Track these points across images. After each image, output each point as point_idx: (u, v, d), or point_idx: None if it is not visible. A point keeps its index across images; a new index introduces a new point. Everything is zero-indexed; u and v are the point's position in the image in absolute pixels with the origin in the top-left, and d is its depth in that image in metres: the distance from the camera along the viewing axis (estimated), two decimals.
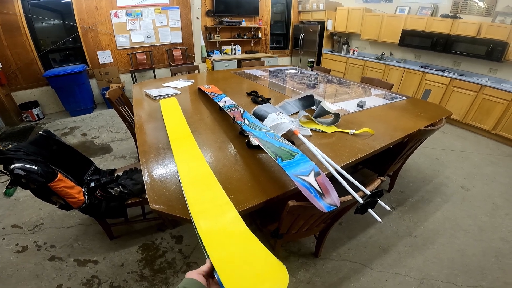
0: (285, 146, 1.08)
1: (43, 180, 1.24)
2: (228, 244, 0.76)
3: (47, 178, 1.26)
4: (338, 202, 0.91)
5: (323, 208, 0.86)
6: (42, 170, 1.25)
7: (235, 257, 0.71)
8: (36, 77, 4.08)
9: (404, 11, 4.74)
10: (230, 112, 1.46)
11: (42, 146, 1.49)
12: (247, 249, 0.74)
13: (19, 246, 1.79)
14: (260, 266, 0.68)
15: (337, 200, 0.91)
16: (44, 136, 1.55)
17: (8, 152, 1.25)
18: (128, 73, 4.85)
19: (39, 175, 1.23)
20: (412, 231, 1.95)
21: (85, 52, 4.40)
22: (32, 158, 1.28)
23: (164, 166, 1.18)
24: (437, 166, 2.84)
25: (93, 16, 4.27)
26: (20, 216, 2.05)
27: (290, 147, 1.09)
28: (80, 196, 1.41)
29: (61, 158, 1.55)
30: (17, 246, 1.79)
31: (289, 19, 6.44)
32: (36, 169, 1.23)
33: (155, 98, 2.13)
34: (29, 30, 3.88)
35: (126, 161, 2.82)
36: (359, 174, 2.50)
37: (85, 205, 1.44)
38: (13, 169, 1.18)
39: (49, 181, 1.27)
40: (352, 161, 1.28)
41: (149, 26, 4.78)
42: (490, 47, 3.55)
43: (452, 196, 2.37)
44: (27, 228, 1.94)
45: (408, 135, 1.58)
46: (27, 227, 1.95)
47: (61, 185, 1.32)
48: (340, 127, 1.58)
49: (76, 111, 4.17)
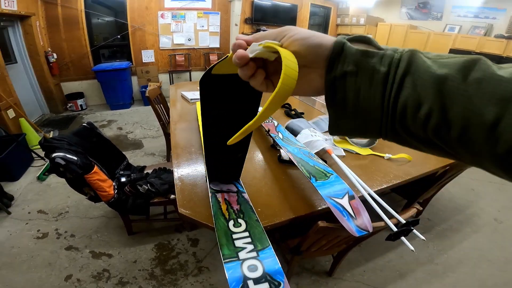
0: (319, 165, 1.05)
1: (81, 171, 1.31)
2: None
3: (84, 170, 1.33)
4: (370, 227, 0.87)
5: (355, 232, 0.83)
6: (81, 161, 1.33)
7: None
8: (85, 70, 4.42)
9: (454, 30, 4.49)
10: (264, 124, 1.46)
11: (84, 137, 1.58)
12: None
13: (40, 232, 1.86)
14: None
15: (370, 225, 0.87)
16: (87, 128, 1.66)
17: (52, 141, 1.34)
18: (166, 73, 5.08)
19: (77, 166, 1.30)
20: (434, 258, 1.86)
21: (131, 50, 4.69)
22: (73, 149, 1.36)
23: (195, 170, 1.20)
24: (472, 196, 2.68)
25: (143, 15, 4.55)
26: (48, 202, 2.16)
27: (325, 167, 1.05)
28: (110, 190, 1.48)
29: (99, 150, 1.63)
30: (38, 232, 1.86)
31: (326, 32, 6.38)
32: (75, 160, 1.30)
33: (190, 100, 2.19)
34: (87, 25, 4.21)
35: (154, 158, 2.92)
36: (386, 198, 2.36)
37: (114, 200, 1.50)
38: (54, 157, 1.25)
39: (85, 172, 1.34)
40: (386, 186, 1.21)
41: (191, 29, 4.99)
42: None
43: (483, 227, 2.23)
44: (52, 215, 2.03)
45: (449, 164, 1.48)
46: (52, 214, 2.04)
47: (95, 177, 1.38)
48: (375, 150, 1.51)
49: (115, 105, 4.44)
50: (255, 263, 0.68)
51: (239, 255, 0.69)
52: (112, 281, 1.55)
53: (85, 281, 1.54)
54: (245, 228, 0.81)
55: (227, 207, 0.89)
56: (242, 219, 0.85)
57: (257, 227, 0.81)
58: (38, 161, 2.70)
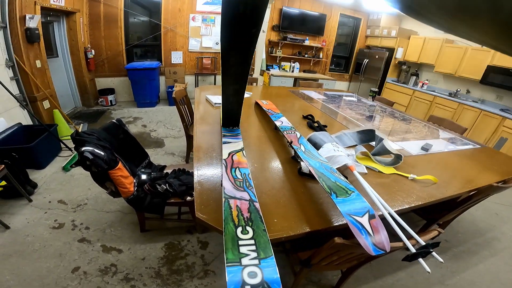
0: (341, 182, 1.03)
1: (106, 166, 1.36)
2: None
3: (110, 165, 1.39)
4: (388, 247, 0.85)
5: (371, 251, 0.82)
6: (107, 156, 1.38)
7: None
8: (118, 68, 4.65)
9: None
10: (286, 134, 1.45)
11: (112, 133, 1.65)
12: None
13: (57, 222, 1.90)
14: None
15: (388, 245, 0.85)
16: (116, 124, 1.73)
17: (83, 134, 1.40)
18: (193, 75, 5.23)
19: (104, 161, 1.35)
20: (446, 279, 1.79)
21: (162, 50, 4.88)
22: (102, 144, 1.42)
23: (215, 175, 1.21)
24: (495, 221, 2.56)
25: (175, 17, 4.73)
26: (69, 192, 2.23)
27: (346, 184, 1.02)
28: (130, 187, 1.52)
29: (124, 147, 1.69)
30: (54, 222, 1.90)
31: (354, 43, 6.28)
32: (103, 155, 1.36)
33: (214, 104, 2.23)
34: (124, 24, 4.44)
35: (174, 158, 2.99)
36: (404, 217, 2.29)
37: (133, 196, 1.54)
38: (83, 151, 1.31)
39: (110, 168, 1.39)
40: (408, 207, 1.18)
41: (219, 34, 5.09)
42: None
43: (502, 251, 2.13)
44: (71, 205, 2.08)
45: (476, 189, 1.42)
46: (72, 204, 2.09)
47: (118, 173, 1.43)
48: (399, 169, 1.45)
49: (142, 103, 4.62)
50: (255, 270, 0.71)
51: (242, 260, 0.73)
52: (118, 276, 1.56)
53: (91, 274, 1.56)
54: (252, 236, 0.83)
55: (237, 214, 0.91)
56: (250, 227, 0.86)
57: (263, 236, 0.83)
58: (66, 151, 2.82)
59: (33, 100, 2.99)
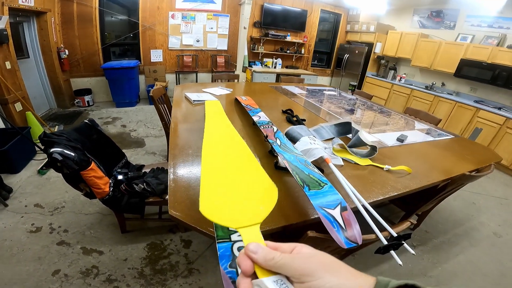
0: (314, 174, 1.03)
1: (77, 167, 1.31)
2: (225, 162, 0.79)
3: (81, 166, 1.34)
4: (360, 239, 0.85)
5: (343, 244, 0.82)
6: (78, 157, 1.33)
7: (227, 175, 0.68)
8: (94, 67, 4.50)
9: (467, 39, 4.41)
10: (263, 129, 1.44)
11: (84, 134, 1.60)
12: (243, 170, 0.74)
13: (34, 226, 1.87)
14: (251, 183, 0.62)
15: (359, 238, 0.86)
16: (88, 125, 1.67)
17: (51, 135, 1.34)
18: (173, 74, 5.13)
19: (74, 162, 1.31)
20: (428, 271, 1.85)
21: (141, 49, 4.76)
22: (72, 145, 1.37)
23: (191, 173, 1.19)
24: (473, 210, 2.67)
25: (154, 15, 4.62)
26: (45, 196, 2.17)
27: (320, 176, 1.03)
28: (105, 188, 1.48)
29: (98, 147, 1.64)
30: (32, 226, 1.86)
31: (335, 38, 6.37)
32: (73, 156, 1.31)
33: (193, 102, 2.19)
34: (99, 22, 4.30)
35: (155, 158, 2.93)
36: (385, 209, 2.38)
37: (108, 197, 1.50)
38: (52, 152, 1.26)
39: (82, 169, 1.35)
40: (382, 198, 1.19)
41: (200, 31, 5.04)
42: None
43: (482, 241, 2.22)
44: (48, 209, 2.03)
45: (449, 178, 1.45)
46: (48, 208, 2.04)
47: (91, 174, 1.39)
48: (375, 161, 1.48)
49: (121, 103, 4.49)
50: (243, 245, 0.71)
51: (231, 237, 0.72)
52: (100, 278, 1.54)
53: (72, 277, 1.53)
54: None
55: None
56: None
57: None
58: (41, 154, 2.73)
59: (4, 102, 2.86)
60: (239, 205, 0.50)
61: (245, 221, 0.41)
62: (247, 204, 0.50)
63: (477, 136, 3.88)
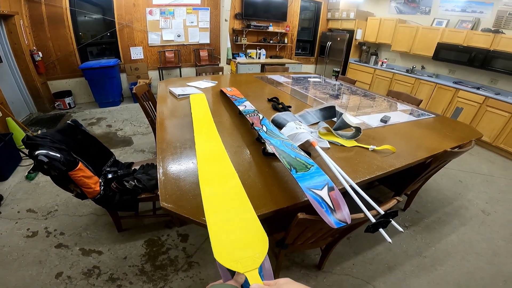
0: (301, 157, 1.06)
1: (64, 168, 1.29)
2: (225, 210, 0.88)
3: (68, 167, 1.32)
4: (349, 219, 0.88)
5: (333, 224, 0.84)
6: (64, 158, 1.31)
7: (229, 223, 0.82)
8: (72, 68, 4.34)
9: (442, 24, 4.53)
10: (249, 117, 1.46)
11: (68, 135, 1.56)
12: (241, 217, 0.85)
13: (30, 231, 1.85)
14: (248, 232, 0.77)
15: (348, 217, 0.88)
16: (71, 126, 1.63)
17: (35, 138, 1.32)
18: (156, 70, 5.03)
19: (61, 163, 1.28)
20: (423, 251, 1.89)
21: (120, 47, 4.62)
22: (56, 146, 1.34)
23: (180, 165, 1.20)
24: (460, 188, 2.73)
25: (130, 12, 4.48)
26: (37, 200, 2.14)
27: (306, 159, 1.06)
28: (96, 187, 1.47)
29: (84, 147, 1.61)
30: (27, 231, 1.84)
31: (317, 27, 6.38)
32: (59, 157, 1.29)
33: (178, 96, 2.17)
34: (72, 23, 4.14)
35: (144, 155, 2.90)
36: (375, 191, 2.43)
37: (100, 196, 1.49)
38: (37, 155, 1.24)
39: (69, 169, 1.32)
40: (369, 178, 1.23)
41: (180, 26, 4.93)
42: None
43: (471, 219, 2.28)
44: (41, 213, 2.01)
45: (432, 155, 1.50)
46: (41, 212, 2.02)
47: (80, 174, 1.37)
48: (360, 142, 1.53)
49: (104, 103, 4.38)
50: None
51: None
52: (103, 278, 1.55)
53: (75, 278, 1.53)
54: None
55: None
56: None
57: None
58: (27, 160, 2.66)
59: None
60: (242, 252, 0.66)
61: (249, 266, 0.58)
62: (247, 252, 0.66)
63: (458, 115, 4.03)
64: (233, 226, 0.80)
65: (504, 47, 3.59)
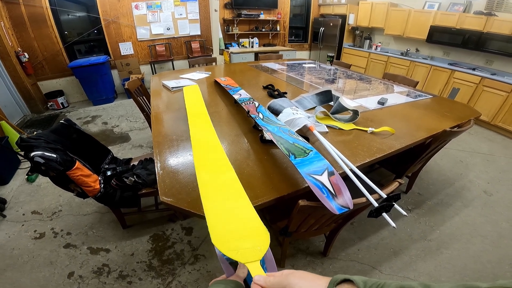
0: (299, 142, 1.04)
1: (62, 168, 1.27)
2: (222, 200, 0.87)
3: (66, 166, 1.30)
4: (351, 204, 0.86)
5: (335, 209, 0.82)
6: (61, 158, 1.29)
7: (227, 213, 0.80)
8: (61, 68, 4.25)
9: (434, 7, 4.47)
10: (245, 105, 1.44)
11: (63, 134, 1.53)
12: (238, 208, 0.83)
13: (37, 232, 1.85)
14: (246, 225, 0.75)
15: (350, 202, 0.86)
16: (65, 125, 1.60)
17: (29, 140, 1.29)
18: (148, 65, 4.94)
19: (57, 163, 1.26)
20: (427, 235, 1.87)
21: (108, 43, 4.52)
22: (52, 146, 1.32)
23: (177, 158, 1.18)
24: (461, 168, 2.70)
25: (115, 8, 4.36)
26: (40, 202, 2.14)
27: (304, 144, 1.04)
28: (96, 185, 1.45)
29: (81, 146, 1.59)
30: (35, 233, 1.85)
31: (308, 13, 6.26)
32: (55, 157, 1.27)
33: (172, 89, 2.14)
34: (55, 22, 4.03)
35: (143, 150, 2.88)
36: (376, 174, 2.42)
37: (100, 194, 1.48)
38: (33, 156, 1.22)
39: (67, 169, 1.31)
40: (369, 161, 1.21)
41: (169, 18, 4.82)
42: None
43: (474, 200, 2.24)
44: (46, 214, 2.01)
45: (432, 135, 1.49)
46: (46, 213, 2.02)
47: (78, 173, 1.35)
48: (358, 125, 1.51)
49: (98, 101, 4.31)
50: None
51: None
52: (113, 275, 1.56)
53: (87, 277, 1.55)
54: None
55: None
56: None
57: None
58: (25, 163, 2.64)
59: None
60: (241, 243, 0.64)
61: (249, 258, 0.56)
62: (247, 243, 0.63)
63: (455, 96, 4.02)
64: (230, 216, 0.78)
65: (498, 29, 3.57)
